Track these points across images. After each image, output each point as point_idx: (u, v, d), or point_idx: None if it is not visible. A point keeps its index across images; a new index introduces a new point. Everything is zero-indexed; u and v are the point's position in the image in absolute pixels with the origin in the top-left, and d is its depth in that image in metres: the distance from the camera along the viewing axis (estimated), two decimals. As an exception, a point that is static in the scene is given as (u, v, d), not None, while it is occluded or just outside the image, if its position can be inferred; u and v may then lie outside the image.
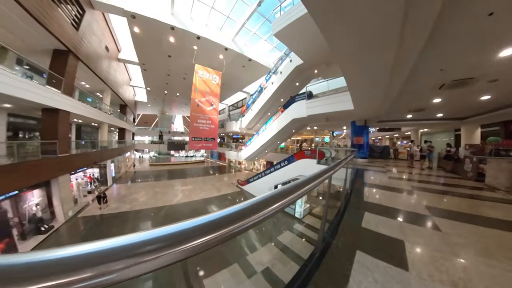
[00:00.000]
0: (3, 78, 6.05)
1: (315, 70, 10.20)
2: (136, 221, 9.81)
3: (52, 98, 8.17)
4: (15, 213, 7.46)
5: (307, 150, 9.79)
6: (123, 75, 18.53)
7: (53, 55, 8.86)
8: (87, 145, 13.26)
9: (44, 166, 7.87)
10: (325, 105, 8.21)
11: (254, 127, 20.05)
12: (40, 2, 6.94)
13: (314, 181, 1.11)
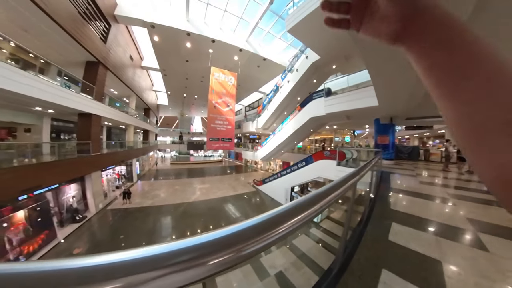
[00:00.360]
0: (47, 88, 6.96)
1: (333, 66, 9.66)
2: (157, 215, 10.46)
3: (85, 104, 9.14)
4: (55, 203, 8.59)
5: (326, 151, 9.33)
6: (146, 81, 19.91)
7: (86, 66, 9.92)
8: (116, 145, 14.50)
9: (80, 164, 8.93)
10: (345, 102, 7.70)
11: (270, 127, 19.87)
12: (75, 21, 7.83)
13: (340, 188, 0.98)
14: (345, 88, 7.89)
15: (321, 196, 0.76)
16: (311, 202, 0.67)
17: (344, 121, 10.78)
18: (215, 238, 0.37)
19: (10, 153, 6.40)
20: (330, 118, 10.20)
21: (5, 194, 5.61)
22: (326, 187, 0.87)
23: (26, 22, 6.88)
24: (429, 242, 2.10)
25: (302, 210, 0.59)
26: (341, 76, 8.76)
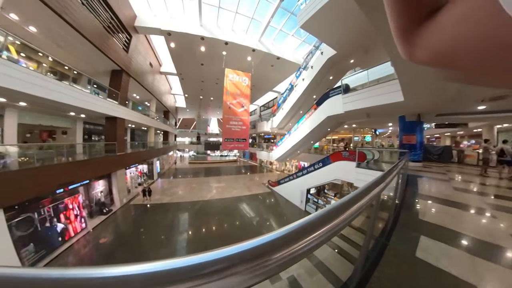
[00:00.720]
0: (79, 95, 7.74)
1: (350, 60, 9.08)
2: (175, 212, 10.95)
3: (112, 108, 9.97)
4: (86, 197, 9.49)
5: (344, 151, 8.82)
6: (165, 85, 21.01)
7: (111, 74, 10.84)
8: (139, 146, 15.54)
9: (107, 162, 9.79)
10: (365, 98, 7.13)
11: (285, 126, 19.53)
12: (101, 35, 8.63)
13: (368, 195, 0.88)
14: (365, 83, 7.31)
15: (351, 202, 0.70)
16: (342, 210, 0.63)
17: (364, 119, 10.07)
18: (240, 251, 0.35)
19: (50, 153, 7.20)
20: (348, 117, 9.62)
21: (46, 188, 6.39)
22: (356, 192, 0.80)
23: (60, 39, 7.73)
24: (464, 262, 1.78)
25: (333, 218, 0.56)
26: (360, 70, 8.15)
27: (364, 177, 6.69)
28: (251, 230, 8.83)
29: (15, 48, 5.94)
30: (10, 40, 5.51)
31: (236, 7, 10.18)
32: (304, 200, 11.38)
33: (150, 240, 7.92)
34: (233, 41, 11.23)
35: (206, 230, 8.89)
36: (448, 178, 5.77)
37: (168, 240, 7.91)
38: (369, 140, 16.22)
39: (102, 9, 8.59)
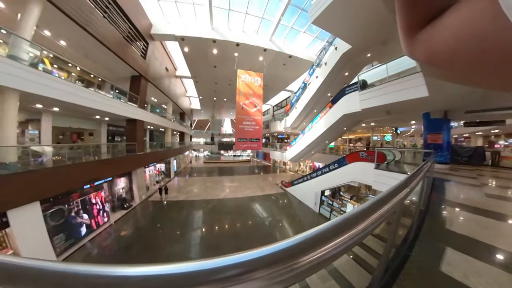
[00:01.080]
0: (104, 100, 8.39)
1: (367, 54, 8.55)
2: (189, 209, 11.34)
3: (132, 111, 10.64)
4: (109, 192, 10.23)
5: (361, 152, 8.36)
6: (181, 89, 21.90)
7: (131, 80, 11.58)
8: (157, 146, 16.37)
9: (128, 161, 10.50)
10: (385, 94, 6.64)
11: (299, 126, 19.14)
12: (121, 45, 9.29)
13: (391, 200, 0.81)
14: (384, 78, 6.80)
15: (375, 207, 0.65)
16: (365, 215, 0.57)
17: (384, 117, 9.43)
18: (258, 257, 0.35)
19: (79, 152, 7.90)
20: (366, 115, 9.08)
21: (75, 183, 7.05)
22: (378, 198, 0.73)
23: (86, 50, 8.48)
24: (499, 281, 1.54)
25: (355, 224, 0.52)
26: (377, 65, 7.59)
27: (383, 180, 6.25)
28: (263, 230, 8.78)
29: (49, 61, 6.62)
30: (44, 53, 6.15)
31: (246, 8, 10.24)
32: (318, 202, 11.02)
33: (166, 235, 8.29)
34: (244, 42, 11.31)
35: (219, 228, 9.04)
36: (480, 183, 5.13)
37: (182, 236, 8.20)
38: (389, 139, 15.09)
39: (121, 20, 9.22)
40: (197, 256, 6.85)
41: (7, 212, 4.88)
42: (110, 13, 8.42)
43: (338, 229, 0.47)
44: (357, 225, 0.53)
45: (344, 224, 0.50)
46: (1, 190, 4.62)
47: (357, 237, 0.51)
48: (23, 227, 5.28)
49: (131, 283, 0.27)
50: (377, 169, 6.59)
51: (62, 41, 7.79)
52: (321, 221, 9.97)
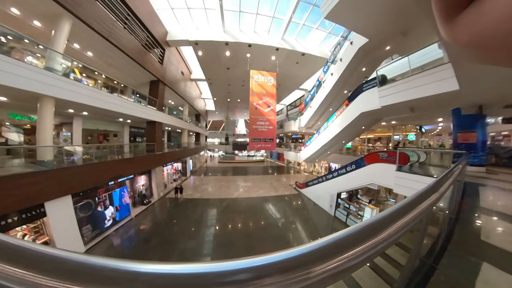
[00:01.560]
0: (126, 104, 9.02)
1: (386, 47, 7.95)
2: (204, 207, 11.66)
3: (151, 114, 11.28)
4: (131, 189, 10.97)
5: (382, 152, 7.82)
6: (196, 91, 22.70)
7: (150, 85, 12.31)
8: (174, 146, 17.12)
9: (148, 160, 11.16)
10: (407, 90, 6.10)
11: (314, 125, 18.62)
12: (140, 52, 9.95)
13: (418, 207, 0.75)
14: (406, 72, 6.24)
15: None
16: (389, 222, 0.53)
17: (407, 115, 8.69)
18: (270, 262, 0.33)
19: (105, 152, 8.61)
20: (386, 112, 8.47)
21: (101, 180, 7.68)
22: (403, 203, 0.66)
23: (110, 59, 9.22)
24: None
25: (378, 232, 0.48)
26: (398, 58, 7.00)
27: (406, 183, 5.76)
28: (276, 231, 8.66)
29: (79, 70, 7.31)
30: (75, 64, 6.80)
31: (257, 8, 10.24)
32: (334, 205, 10.57)
33: (181, 231, 8.64)
34: (256, 42, 11.35)
35: (232, 227, 9.14)
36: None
37: (197, 233, 8.47)
38: (412, 139, 13.85)
39: (139, 30, 9.86)
40: (210, 253, 7.00)
41: (45, 203, 5.52)
42: (129, 24, 9.06)
43: (359, 237, 0.43)
44: (380, 233, 0.48)
45: (365, 231, 0.45)
46: (40, 184, 5.24)
47: (379, 247, 0.46)
48: (57, 217, 5.92)
49: (143, 280, 0.29)
50: (399, 171, 6.10)
51: (89, 52, 8.55)
52: (336, 224, 9.52)
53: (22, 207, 5.01)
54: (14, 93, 5.39)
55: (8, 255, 0.28)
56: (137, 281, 0.29)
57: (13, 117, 7.77)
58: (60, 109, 7.47)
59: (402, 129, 14.71)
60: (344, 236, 0.41)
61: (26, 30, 6.52)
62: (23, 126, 8.45)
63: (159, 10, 10.80)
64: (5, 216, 4.77)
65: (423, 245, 1.97)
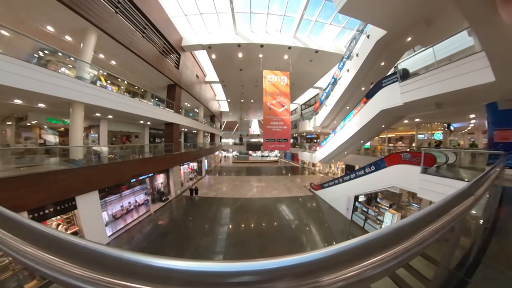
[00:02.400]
0: (146, 107, 9.63)
1: (407, 38, 7.31)
2: (218, 206, 11.94)
3: (169, 116, 11.90)
4: (151, 186, 11.68)
5: (404, 153, 7.26)
6: (210, 93, 23.38)
7: (167, 88, 13.00)
8: (190, 146, 17.80)
9: (166, 160, 11.77)
10: (433, 84, 5.53)
11: (330, 124, 17.95)
12: (158, 59, 10.58)
13: (449, 214, 0.68)
14: (431, 64, 5.66)
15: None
16: (413, 230, 0.47)
17: (433, 111, 7.93)
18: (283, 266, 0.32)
19: (127, 151, 9.27)
20: (409, 109, 7.81)
21: (124, 178, 8.30)
22: (431, 208, 0.58)
23: (131, 67, 9.94)
24: None
25: (402, 240, 0.43)
26: (420, 49, 6.40)
27: (432, 187, 5.25)
28: (289, 233, 8.51)
29: (104, 78, 7.98)
30: (100, 72, 7.45)
31: (267, 8, 10.20)
32: (351, 208, 10.05)
33: (196, 228, 8.96)
34: (268, 42, 11.33)
35: (244, 226, 9.20)
36: None
37: (211, 230, 8.69)
38: (439, 137, 12.53)
39: (157, 38, 10.47)
40: (223, 251, 7.12)
41: (76, 197, 6.15)
42: (147, 33, 9.69)
43: (378, 245, 0.39)
44: (403, 242, 0.43)
45: (386, 239, 0.40)
46: (72, 180, 5.86)
47: (401, 258, 0.41)
48: (85, 210, 6.55)
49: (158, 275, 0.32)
50: (424, 174, 5.59)
51: (112, 61, 9.29)
52: (353, 229, 9.02)
53: (57, 200, 5.63)
54: (51, 100, 6.07)
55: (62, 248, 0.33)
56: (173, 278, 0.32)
57: (50, 121, 8.74)
58: (88, 113, 8.22)
59: (427, 128, 13.45)
60: (362, 243, 0.37)
61: (59, 44, 7.31)
62: (58, 129, 9.47)
63: (173, 18, 11.35)
64: (43, 207, 5.40)
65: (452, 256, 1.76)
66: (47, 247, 0.34)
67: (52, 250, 0.34)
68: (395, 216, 7.94)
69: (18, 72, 4.62)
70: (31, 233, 0.37)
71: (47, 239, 0.36)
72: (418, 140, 13.87)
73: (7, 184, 4.41)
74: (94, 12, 6.59)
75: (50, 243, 0.35)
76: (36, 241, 0.36)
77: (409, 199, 10.13)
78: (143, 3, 8.83)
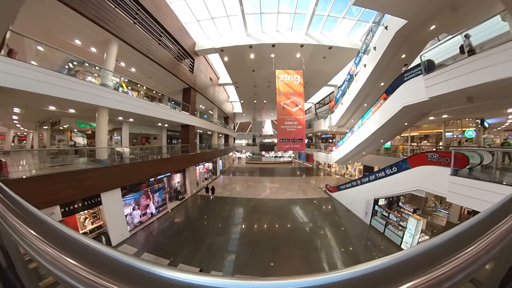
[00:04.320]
0: (164, 110, 10.16)
1: (430, 26, 6.61)
2: (232, 205, 12.09)
3: (185, 118, 12.42)
4: (168, 185, 12.22)
5: (431, 153, 6.63)
6: (223, 95, 23.86)
7: (183, 92, 13.55)
8: (205, 147, 18.27)
9: (182, 160, 12.27)
10: (463, 75, 4.92)
11: (346, 123, 17.19)
12: (174, 64, 11.09)
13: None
14: (460, 54, 5.11)
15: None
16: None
17: (463, 106, 7.12)
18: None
19: (146, 152, 9.87)
20: (436, 104, 7.08)
21: (143, 177, 8.82)
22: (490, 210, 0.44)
23: (149, 73, 10.57)
24: None
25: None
26: (446, 38, 5.77)
27: (464, 191, 4.69)
28: (303, 236, 8.26)
29: (125, 84, 8.57)
30: (122, 79, 8.04)
31: (277, 7, 10.09)
32: (370, 212, 9.42)
33: (210, 226, 9.16)
34: (280, 41, 11.23)
35: (257, 227, 9.17)
36: None
37: (224, 229, 8.82)
38: (472, 136, 11.14)
39: (172, 44, 11.01)
40: (236, 250, 7.14)
41: (101, 194, 6.71)
42: (163, 40, 10.25)
43: (410, 266, 0.30)
44: (448, 261, 0.31)
45: (426, 257, 0.31)
46: (98, 178, 6.40)
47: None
48: (109, 206, 7.10)
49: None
50: (455, 176, 5.03)
51: (132, 68, 9.96)
52: (372, 234, 8.42)
53: (85, 196, 6.20)
54: (80, 105, 6.70)
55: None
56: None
57: (79, 125, 9.66)
58: (112, 117, 8.91)
59: (457, 124, 12.11)
60: (393, 263, 0.29)
61: (86, 55, 8.08)
62: (86, 132, 10.40)
63: (186, 24, 11.83)
64: (73, 202, 5.99)
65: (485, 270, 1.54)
66: (63, 247, 0.35)
67: (67, 250, 0.34)
68: (420, 222, 7.25)
69: (52, 82, 5.20)
70: (51, 231, 0.38)
71: (64, 239, 0.36)
72: (446, 138, 12.59)
73: (43, 181, 4.95)
74: (115, 24, 7.15)
75: (64, 242, 0.36)
76: (53, 238, 0.36)
77: (436, 204, 9.22)
78: (158, 12, 9.35)
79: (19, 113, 8.56)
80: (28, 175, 5.01)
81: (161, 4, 9.43)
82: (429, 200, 9.34)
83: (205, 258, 6.65)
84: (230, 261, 6.50)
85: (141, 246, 7.34)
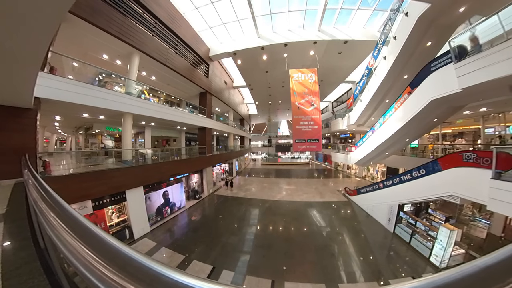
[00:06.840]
0: (182, 114, 10.77)
1: (459, 8, 5.84)
2: (247, 206, 12.19)
3: (202, 121, 13.01)
4: (186, 184, 12.82)
5: (467, 152, 5.88)
6: (238, 97, 24.35)
7: (199, 96, 14.19)
8: (222, 149, 18.80)
9: (200, 161, 12.82)
10: (504, 61, 4.23)
11: (366, 122, 16.12)
12: (190, 70, 11.69)
13: None
14: (497, 36, 4.39)
15: None
16: None
17: (505, 97, 6.15)
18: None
19: (167, 154, 10.52)
20: (470, 96, 6.20)
21: (164, 176, 9.39)
22: None
23: (167, 80, 11.29)
24: None
25: None
26: (480, 20, 5.03)
27: (509, 197, 4.06)
28: (319, 241, 7.90)
29: (147, 91, 9.28)
30: (144, 87, 8.72)
31: (287, 5, 9.94)
32: (394, 219, 8.61)
33: (226, 226, 9.34)
34: (292, 40, 11.08)
35: (272, 229, 9.06)
36: None
37: (239, 230, 8.90)
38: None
39: (187, 52, 11.64)
40: (249, 251, 7.13)
41: (126, 191, 7.38)
42: (179, 49, 10.88)
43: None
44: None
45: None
46: (124, 177, 7.06)
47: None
48: (133, 202, 7.74)
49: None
50: (498, 180, 4.37)
51: (153, 76, 10.75)
52: (396, 243, 7.64)
53: (112, 193, 6.87)
54: (108, 112, 7.45)
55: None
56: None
57: (108, 129, 10.69)
58: (136, 122, 9.72)
59: (498, 119, 10.48)
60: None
61: (112, 68, 9.01)
62: (114, 135, 11.47)
63: (200, 32, 12.38)
64: (102, 198, 6.69)
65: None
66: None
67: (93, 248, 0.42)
68: (454, 233, 6.36)
69: (86, 93, 5.94)
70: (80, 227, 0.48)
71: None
72: (486, 135, 11.02)
73: (78, 178, 5.66)
74: (136, 38, 7.85)
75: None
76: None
77: (474, 212, 8.09)
78: (174, 23, 10.00)
79: (59, 120, 9.82)
80: (67, 173, 5.77)
81: (176, 16, 10.06)
82: (465, 207, 8.24)
83: (219, 256, 6.78)
84: (243, 262, 6.50)
85: (160, 241, 7.78)
